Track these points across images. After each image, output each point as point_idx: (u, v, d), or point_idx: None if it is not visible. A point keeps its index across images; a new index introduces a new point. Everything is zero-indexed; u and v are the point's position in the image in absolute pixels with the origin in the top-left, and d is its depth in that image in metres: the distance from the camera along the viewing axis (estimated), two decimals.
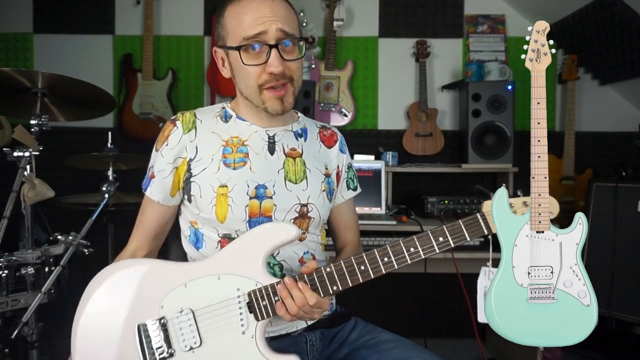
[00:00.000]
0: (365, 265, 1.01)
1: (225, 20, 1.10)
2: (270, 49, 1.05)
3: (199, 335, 1.00)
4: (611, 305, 2.14)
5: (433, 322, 2.88)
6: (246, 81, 1.09)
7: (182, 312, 1.01)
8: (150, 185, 1.14)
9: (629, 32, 2.37)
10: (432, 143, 2.80)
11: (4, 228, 1.57)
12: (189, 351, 1.00)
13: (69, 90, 1.78)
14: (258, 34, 1.05)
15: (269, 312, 1.00)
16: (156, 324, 1.02)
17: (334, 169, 1.25)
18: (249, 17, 1.06)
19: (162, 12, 2.89)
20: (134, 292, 1.04)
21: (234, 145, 1.13)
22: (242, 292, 1.01)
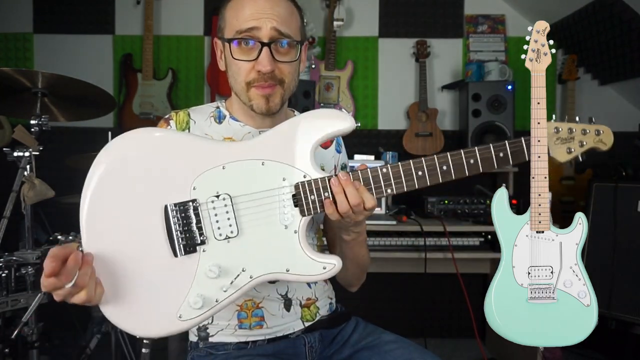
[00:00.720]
0: (423, 170, 0.96)
1: (226, 11, 1.08)
2: (262, 46, 1.01)
3: (236, 224, 0.91)
4: (611, 305, 2.14)
5: (433, 322, 2.88)
6: (235, 76, 1.07)
7: (219, 196, 0.91)
8: None
9: (629, 32, 2.37)
10: (432, 143, 2.80)
11: (4, 228, 1.57)
12: (223, 240, 0.90)
13: (69, 90, 1.79)
14: (251, 29, 1.01)
15: (317, 208, 0.92)
16: (188, 206, 0.90)
17: (331, 170, 1.22)
18: (246, 10, 1.03)
19: (162, 12, 2.90)
20: (162, 166, 0.91)
21: None
22: (288, 182, 0.92)
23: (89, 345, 2.04)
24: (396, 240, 2.17)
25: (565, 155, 1.00)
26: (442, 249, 2.16)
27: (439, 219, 2.24)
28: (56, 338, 2.54)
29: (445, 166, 0.96)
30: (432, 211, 2.32)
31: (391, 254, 2.17)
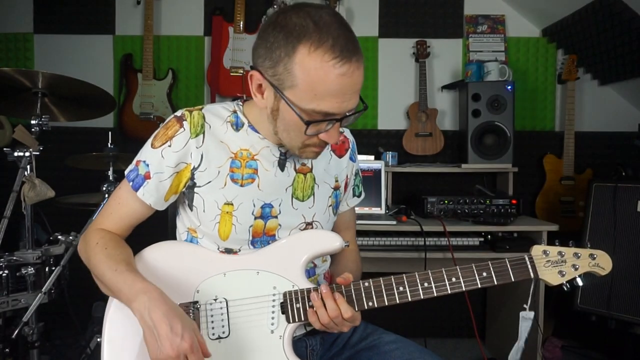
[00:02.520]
0: (404, 286, 1.00)
1: (296, 64, 0.88)
2: (337, 121, 0.93)
3: (228, 326, 0.99)
4: (611, 305, 2.14)
5: (433, 322, 2.88)
6: (291, 133, 0.97)
7: (217, 299, 1.00)
8: (143, 186, 1.03)
9: (629, 32, 2.37)
10: (432, 143, 2.80)
11: (4, 228, 1.57)
12: (215, 340, 0.99)
13: (69, 90, 1.79)
14: (332, 114, 0.91)
15: (301, 316, 0.99)
16: (190, 307, 0.99)
17: (343, 180, 1.21)
18: (330, 91, 0.88)
19: (162, 12, 2.90)
20: (173, 272, 1.02)
21: (243, 159, 1.05)
22: (278, 291, 1.00)
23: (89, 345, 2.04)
24: (396, 240, 2.16)
25: (557, 278, 1.01)
26: (442, 249, 2.16)
27: (439, 219, 2.24)
28: (56, 338, 2.55)
29: (427, 283, 1.00)
30: (432, 211, 2.32)
31: (391, 254, 2.17)
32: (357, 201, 1.30)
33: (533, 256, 1.01)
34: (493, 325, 2.74)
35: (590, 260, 1.01)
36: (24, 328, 1.64)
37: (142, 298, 0.89)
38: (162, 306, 0.88)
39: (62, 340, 2.53)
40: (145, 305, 0.88)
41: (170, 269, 1.02)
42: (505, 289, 2.54)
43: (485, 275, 1.01)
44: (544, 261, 1.01)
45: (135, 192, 1.04)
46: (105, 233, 1.05)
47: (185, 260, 1.04)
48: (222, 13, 2.82)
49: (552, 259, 1.01)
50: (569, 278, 1.01)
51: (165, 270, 1.02)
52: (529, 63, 2.88)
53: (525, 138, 2.84)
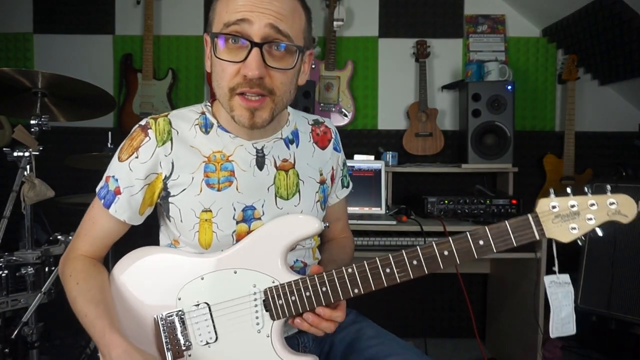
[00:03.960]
0: (392, 267, 0.91)
1: (217, 3, 0.94)
2: (252, 47, 0.87)
3: (214, 330, 0.97)
4: (611, 305, 2.14)
5: (433, 322, 2.88)
6: (218, 79, 0.93)
7: (199, 305, 0.97)
8: (114, 202, 0.99)
9: (629, 32, 2.37)
10: (432, 143, 2.80)
11: (4, 228, 1.57)
12: (205, 346, 0.97)
13: (69, 90, 1.79)
14: (241, 21, 0.87)
15: (285, 312, 0.95)
16: (173, 316, 0.97)
17: (329, 172, 1.15)
18: (239, 0, 0.88)
19: (162, 12, 2.89)
20: (152, 283, 0.99)
21: (217, 162, 0.99)
22: (258, 289, 0.96)
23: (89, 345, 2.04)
24: (396, 240, 2.16)
25: (568, 235, 0.85)
26: None
27: (439, 219, 2.24)
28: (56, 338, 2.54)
29: (416, 260, 0.90)
30: (432, 211, 2.32)
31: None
32: (346, 192, 1.24)
33: (539, 213, 0.85)
34: (493, 325, 2.74)
35: (609, 208, 0.84)
36: (24, 328, 1.64)
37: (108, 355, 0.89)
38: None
39: (62, 340, 2.53)
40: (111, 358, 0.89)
41: (147, 280, 0.99)
42: (506, 287, 2.54)
43: (483, 243, 0.87)
44: (552, 217, 0.85)
45: (107, 209, 1.00)
46: (77, 262, 1.02)
47: (161, 268, 1.00)
48: None
49: (562, 213, 0.85)
50: (583, 232, 0.86)
51: (143, 283, 1.00)
52: (529, 63, 2.88)
53: (525, 138, 2.84)
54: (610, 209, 0.85)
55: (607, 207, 0.85)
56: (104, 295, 0.97)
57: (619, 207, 0.85)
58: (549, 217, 0.86)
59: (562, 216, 0.85)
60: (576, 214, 0.85)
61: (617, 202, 0.85)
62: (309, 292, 0.94)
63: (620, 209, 0.85)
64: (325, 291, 0.93)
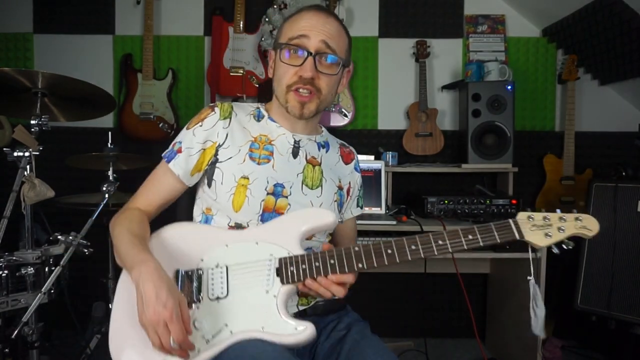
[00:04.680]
0: (392, 249, 1.05)
1: (284, 25, 1.22)
2: (308, 55, 1.14)
3: (227, 287, 1.08)
4: (611, 305, 2.14)
5: (433, 322, 2.89)
6: (280, 79, 1.19)
7: (218, 266, 1.10)
8: (174, 159, 1.19)
9: (629, 32, 2.37)
10: (432, 143, 2.80)
11: (4, 228, 1.57)
12: (214, 300, 1.07)
13: (69, 90, 1.79)
14: (301, 36, 1.15)
15: (294, 278, 1.05)
16: (193, 272, 1.09)
17: (346, 185, 1.33)
18: (302, 22, 1.17)
19: (162, 12, 2.90)
20: (182, 245, 1.14)
21: (261, 142, 1.21)
22: (274, 257, 1.08)
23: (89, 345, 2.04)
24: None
25: (543, 240, 1.03)
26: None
27: (439, 219, 2.24)
28: (56, 338, 2.55)
29: (414, 246, 1.06)
30: (432, 211, 2.32)
31: None
32: (359, 211, 1.42)
33: (518, 220, 1.04)
34: (493, 325, 2.75)
35: (576, 223, 1.02)
36: (24, 328, 1.64)
37: (139, 268, 1.00)
38: (154, 277, 0.98)
39: (62, 340, 2.53)
40: (141, 274, 0.98)
41: (179, 242, 1.14)
42: (506, 288, 2.54)
43: (471, 237, 1.05)
44: (529, 225, 1.03)
45: (167, 163, 1.20)
46: (133, 211, 1.19)
47: (194, 235, 1.16)
48: (222, 13, 2.82)
49: (537, 223, 1.03)
50: (555, 240, 1.02)
51: (176, 244, 1.14)
52: (529, 63, 2.88)
53: (525, 138, 2.84)
54: (577, 224, 1.03)
55: (574, 222, 1.03)
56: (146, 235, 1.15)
57: (584, 223, 1.03)
58: (527, 224, 1.04)
59: (537, 225, 1.03)
60: (549, 225, 1.03)
61: (582, 219, 1.03)
62: (319, 262, 1.05)
63: (585, 224, 1.02)
64: (332, 263, 1.05)
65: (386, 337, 2.77)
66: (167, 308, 0.94)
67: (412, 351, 2.62)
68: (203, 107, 1.26)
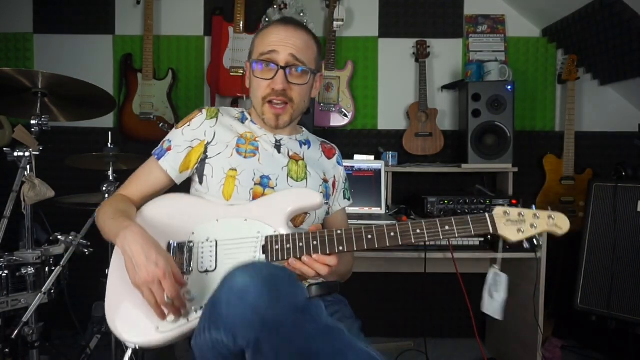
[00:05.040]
0: (372, 235, 1.10)
1: (256, 39, 1.31)
2: (279, 69, 1.23)
3: (215, 261, 1.13)
4: (611, 305, 2.14)
5: (433, 322, 2.88)
6: (254, 91, 1.29)
7: (208, 240, 1.15)
8: (164, 156, 1.28)
9: (629, 32, 2.37)
10: (432, 143, 2.80)
11: (4, 228, 1.57)
12: (203, 272, 1.12)
13: (69, 90, 1.79)
14: (271, 52, 1.24)
15: (279, 256, 1.10)
16: (184, 244, 1.14)
17: (331, 178, 1.40)
18: (271, 38, 1.26)
19: (162, 12, 2.90)
20: (172, 217, 1.20)
21: (247, 139, 1.30)
22: (261, 234, 1.14)
23: (89, 345, 2.04)
24: None
25: (515, 235, 1.07)
26: (442, 249, 2.16)
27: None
28: (56, 338, 2.55)
29: (393, 233, 1.10)
30: (432, 211, 2.32)
31: (391, 254, 2.17)
32: (347, 203, 1.48)
33: (494, 214, 1.08)
34: (493, 325, 2.74)
35: (548, 221, 1.06)
36: (24, 328, 1.64)
37: (124, 233, 1.05)
38: (140, 239, 1.03)
39: (62, 340, 2.53)
40: (127, 238, 1.03)
41: (172, 214, 1.20)
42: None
43: (448, 228, 1.08)
44: (504, 220, 1.08)
45: (157, 160, 1.29)
46: (119, 196, 1.27)
47: (184, 207, 1.22)
48: (222, 13, 2.82)
49: (512, 219, 1.08)
50: (527, 235, 1.07)
51: (168, 215, 1.20)
52: (529, 63, 2.88)
53: (525, 138, 2.84)
54: (549, 221, 1.07)
55: (547, 220, 1.07)
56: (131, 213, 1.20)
57: (555, 221, 1.07)
58: (501, 219, 1.08)
59: (512, 221, 1.08)
60: (522, 221, 1.08)
61: (554, 217, 1.07)
62: (302, 243, 1.10)
63: (556, 222, 1.07)
64: (315, 244, 1.10)
65: (386, 337, 2.78)
66: (160, 266, 0.98)
67: (412, 351, 2.62)
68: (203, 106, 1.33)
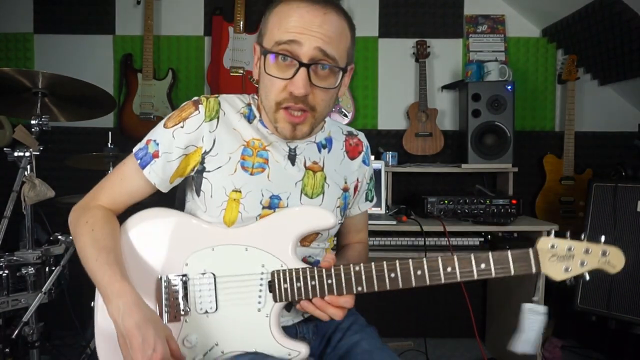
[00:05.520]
0: (396, 273, 0.95)
1: (270, 16, 0.99)
2: (300, 66, 0.94)
3: (216, 301, 0.99)
4: (611, 305, 2.14)
5: (433, 322, 2.88)
6: (266, 92, 1.00)
7: (205, 274, 1.00)
8: (150, 164, 1.03)
9: (629, 32, 2.37)
10: (432, 143, 2.80)
11: (4, 228, 1.57)
12: (203, 314, 0.99)
13: (69, 90, 1.79)
14: (291, 42, 0.93)
15: (288, 296, 0.97)
16: (178, 280, 0.99)
17: (353, 182, 1.18)
18: (292, 21, 0.94)
19: (162, 12, 2.90)
20: (162, 243, 1.01)
21: (254, 148, 1.05)
22: (266, 269, 0.99)
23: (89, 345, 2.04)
24: (396, 240, 2.17)
25: (561, 274, 0.93)
26: (442, 249, 2.16)
27: (438, 219, 2.24)
28: (56, 338, 2.55)
29: (420, 271, 0.95)
30: (432, 211, 2.32)
31: (391, 254, 2.17)
32: (369, 205, 1.28)
33: (538, 249, 0.92)
34: (493, 325, 2.74)
35: (600, 258, 0.92)
36: (24, 328, 1.64)
37: (116, 302, 0.89)
38: (135, 314, 0.88)
39: (62, 340, 2.53)
40: (120, 311, 0.88)
41: (158, 240, 1.01)
42: (506, 288, 2.54)
43: (484, 267, 0.94)
44: (549, 255, 0.92)
45: (141, 169, 1.04)
46: (96, 211, 1.04)
47: (174, 231, 1.02)
48: (222, 13, 2.82)
49: (558, 254, 0.92)
50: (574, 274, 0.93)
51: (154, 241, 1.01)
52: (529, 63, 2.88)
53: (525, 138, 2.84)
54: (602, 259, 0.92)
55: (599, 256, 0.92)
56: (116, 245, 0.99)
57: (609, 257, 0.92)
58: (547, 254, 0.92)
59: (558, 256, 0.92)
60: (571, 257, 0.92)
61: (609, 253, 0.92)
62: (315, 281, 0.96)
63: (610, 259, 0.92)
64: (330, 283, 0.95)
65: (386, 337, 2.77)
66: (157, 351, 0.85)
67: (412, 351, 2.62)
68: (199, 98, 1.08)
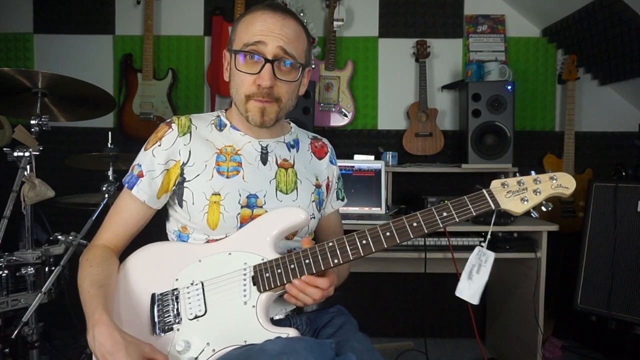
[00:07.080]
0: (367, 239, 1.03)
1: (238, 25, 1.14)
2: (265, 62, 1.09)
3: (204, 304, 1.05)
4: (611, 305, 2.14)
5: (433, 322, 2.88)
6: (237, 87, 1.13)
7: (193, 283, 1.07)
8: (137, 184, 1.13)
9: (629, 32, 2.37)
10: (432, 143, 2.80)
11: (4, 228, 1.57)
12: (194, 320, 1.04)
13: (69, 90, 1.79)
14: (257, 43, 1.08)
15: (271, 284, 1.03)
16: (169, 294, 1.07)
17: (324, 180, 1.29)
18: (256, 26, 1.10)
19: (162, 12, 2.90)
20: (153, 267, 1.11)
21: (227, 154, 1.16)
22: (248, 265, 1.06)
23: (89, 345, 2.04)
24: None
25: (520, 206, 0.99)
26: (442, 249, 2.16)
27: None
28: (56, 338, 2.55)
29: (388, 232, 1.03)
30: None
31: (391, 254, 2.17)
32: (341, 204, 1.38)
33: (492, 189, 1.01)
34: (493, 325, 2.75)
35: (551, 183, 0.98)
36: (24, 328, 1.64)
37: (92, 332, 0.96)
38: (106, 341, 0.93)
39: (62, 340, 2.53)
40: (94, 340, 0.95)
41: (151, 265, 1.11)
42: (506, 288, 2.54)
43: (446, 214, 1.01)
44: (504, 192, 1.00)
45: (130, 190, 1.14)
46: (97, 249, 1.13)
47: (165, 255, 1.12)
48: (222, 13, 2.82)
49: (512, 189, 1.00)
50: (533, 204, 0.99)
51: (147, 267, 1.11)
52: (529, 63, 2.88)
53: (525, 138, 2.84)
54: (553, 183, 0.99)
55: (550, 182, 0.99)
56: (109, 282, 1.08)
57: (559, 181, 0.98)
58: (502, 192, 1.00)
59: (513, 191, 0.99)
60: (524, 189, 0.99)
61: (557, 178, 0.99)
62: (294, 264, 1.04)
63: (560, 182, 0.98)
64: (308, 263, 1.03)
65: (386, 337, 2.77)
66: None
67: (412, 351, 2.62)
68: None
